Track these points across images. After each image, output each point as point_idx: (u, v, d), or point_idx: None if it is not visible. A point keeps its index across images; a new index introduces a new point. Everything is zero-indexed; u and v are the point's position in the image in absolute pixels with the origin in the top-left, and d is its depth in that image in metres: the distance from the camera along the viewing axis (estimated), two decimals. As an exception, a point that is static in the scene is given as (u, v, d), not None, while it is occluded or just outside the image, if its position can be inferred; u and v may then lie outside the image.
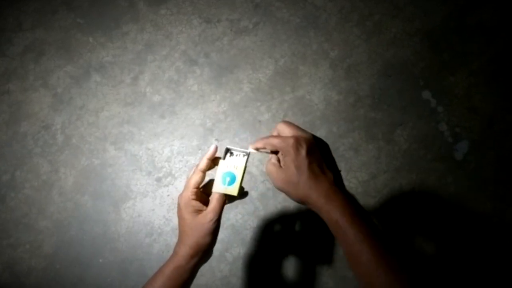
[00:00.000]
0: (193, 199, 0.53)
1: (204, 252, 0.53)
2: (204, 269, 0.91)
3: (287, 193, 0.51)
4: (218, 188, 0.53)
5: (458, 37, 1.07)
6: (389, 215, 0.95)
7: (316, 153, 0.50)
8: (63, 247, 0.94)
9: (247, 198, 0.95)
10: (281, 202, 0.95)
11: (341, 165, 0.98)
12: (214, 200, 0.53)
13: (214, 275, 0.91)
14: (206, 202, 0.54)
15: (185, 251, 0.52)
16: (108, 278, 0.92)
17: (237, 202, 0.95)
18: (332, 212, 0.47)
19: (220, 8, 1.12)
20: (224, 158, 0.55)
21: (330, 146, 1.01)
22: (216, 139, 1.01)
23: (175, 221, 0.95)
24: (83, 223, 0.95)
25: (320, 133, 1.00)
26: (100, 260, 0.93)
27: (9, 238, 0.95)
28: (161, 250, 0.94)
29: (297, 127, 0.52)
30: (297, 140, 0.49)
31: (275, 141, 0.50)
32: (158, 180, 0.98)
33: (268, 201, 0.95)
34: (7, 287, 0.91)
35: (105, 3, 1.14)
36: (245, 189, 0.62)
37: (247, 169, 0.55)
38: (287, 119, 1.00)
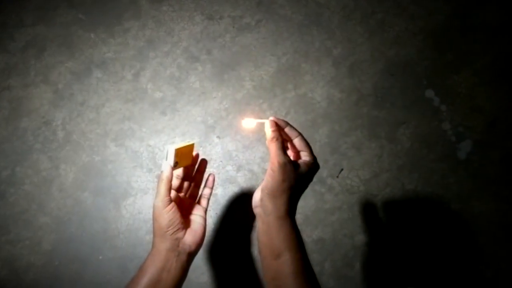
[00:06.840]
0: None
1: (166, 236, 0.54)
2: (207, 267, 0.91)
3: (272, 182, 0.53)
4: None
5: (462, 36, 1.07)
6: (391, 214, 0.94)
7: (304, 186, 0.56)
8: (62, 243, 0.93)
9: (248, 203, 0.95)
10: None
11: (343, 164, 0.97)
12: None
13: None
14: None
15: (154, 239, 0.56)
16: (107, 275, 0.91)
17: (237, 199, 0.94)
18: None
19: (222, 5, 1.11)
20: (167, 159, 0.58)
21: (333, 145, 1.01)
22: (218, 136, 1.00)
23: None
24: (83, 219, 0.95)
25: (322, 131, 0.99)
26: (100, 257, 0.92)
27: (8, 234, 0.94)
28: (161, 248, 0.93)
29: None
30: (316, 168, 0.56)
31: (306, 146, 0.55)
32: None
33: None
34: (6, 283, 0.91)
35: (107, -1, 1.13)
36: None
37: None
38: (288, 117, 0.99)
